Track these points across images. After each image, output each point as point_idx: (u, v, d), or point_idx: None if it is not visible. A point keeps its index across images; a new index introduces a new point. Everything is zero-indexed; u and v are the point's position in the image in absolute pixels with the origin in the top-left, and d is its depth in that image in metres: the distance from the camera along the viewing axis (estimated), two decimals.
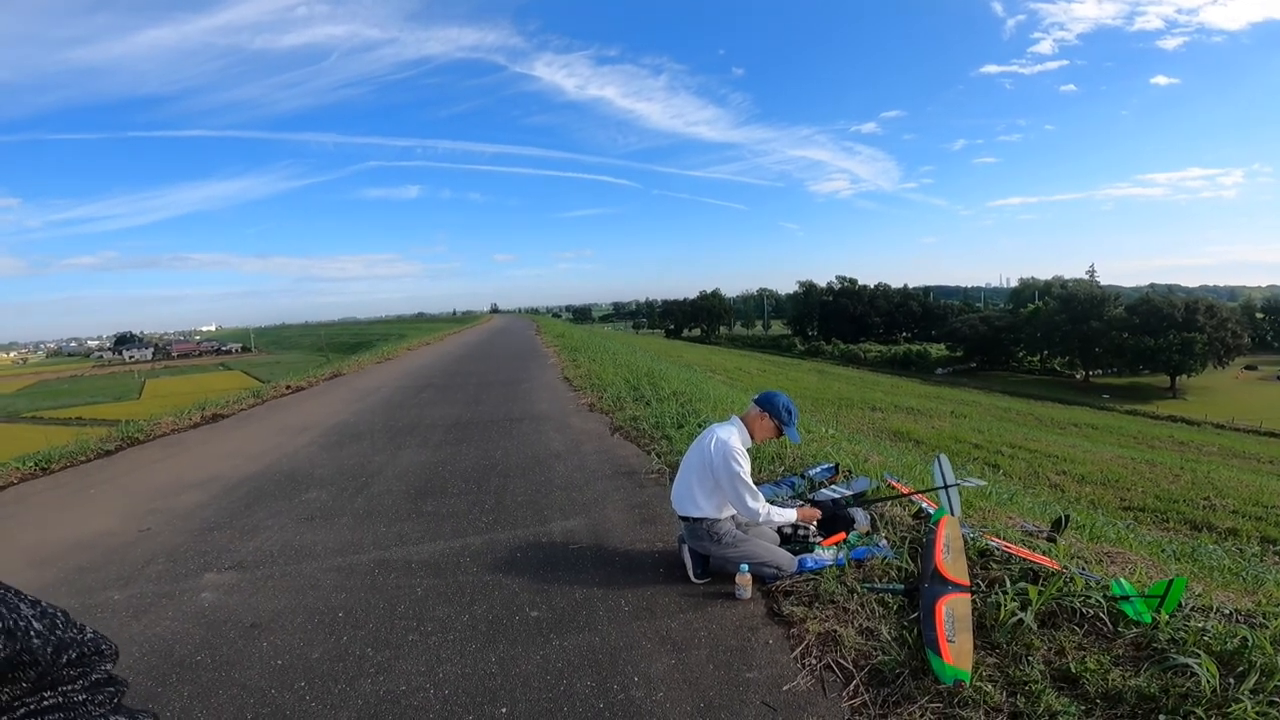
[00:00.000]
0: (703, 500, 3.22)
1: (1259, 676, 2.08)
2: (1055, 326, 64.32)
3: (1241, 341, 59.90)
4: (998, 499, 5.22)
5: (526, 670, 2.59)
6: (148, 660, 2.83)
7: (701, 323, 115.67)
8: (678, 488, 3.39)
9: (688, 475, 3.32)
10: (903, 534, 3.51)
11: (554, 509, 4.56)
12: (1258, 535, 10.32)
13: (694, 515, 3.24)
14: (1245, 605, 2.61)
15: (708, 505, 3.21)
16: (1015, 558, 3.07)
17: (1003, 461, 15.53)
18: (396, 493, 5.18)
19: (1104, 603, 2.59)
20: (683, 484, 3.35)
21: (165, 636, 3.03)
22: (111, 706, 0.85)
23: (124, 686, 0.85)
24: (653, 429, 6.57)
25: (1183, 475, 15.87)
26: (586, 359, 14.41)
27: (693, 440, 3.56)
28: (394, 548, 3.99)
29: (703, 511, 3.21)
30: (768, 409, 3.32)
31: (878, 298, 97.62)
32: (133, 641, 2.98)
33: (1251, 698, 2.00)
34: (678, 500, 3.37)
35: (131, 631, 3.09)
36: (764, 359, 61.29)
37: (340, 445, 7.10)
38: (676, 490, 3.40)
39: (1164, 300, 61.51)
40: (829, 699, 2.31)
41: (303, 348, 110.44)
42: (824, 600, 2.90)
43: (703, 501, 3.22)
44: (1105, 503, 11.98)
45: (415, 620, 3.06)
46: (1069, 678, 2.26)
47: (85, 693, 0.81)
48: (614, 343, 23.62)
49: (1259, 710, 1.96)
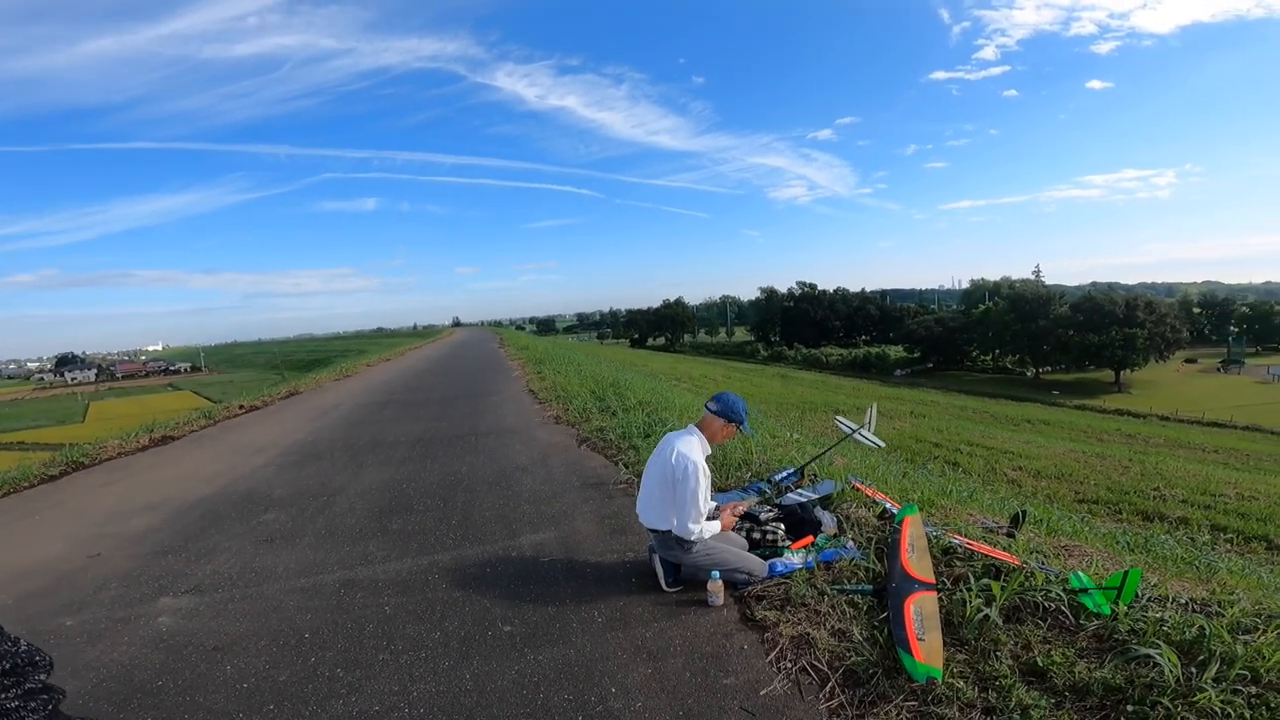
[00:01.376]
0: (666, 515, 3.21)
1: (1219, 665, 2.14)
2: (1005, 326, 66.39)
3: (1180, 336, 62.72)
4: (958, 497, 5.36)
5: (502, 685, 2.56)
6: (107, 686, 2.73)
7: (666, 331, 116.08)
8: (643, 501, 3.38)
9: (651, 488, 3.31)
10: (869, 535, 3.57)
11: (523, 523, 4.51)
12: (1207, 523, 10.77)
13: (662, 528, 3.23)
14: (1200, 594, 2.71)
15: (672, 521, 3.19)
16: (977, 554, 3.14)
17: (962, 459, 15.94)
18: (360, 512, 5.05)
19: (1064, 596, 2.66)
20: (647, 497, 3.34)
21: (123, 662, 2.93)
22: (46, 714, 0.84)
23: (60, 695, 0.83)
24: (619, 439, 6.56)
25: (1132, 467, 16.52)
26: (551, 371, 14.32)
27: None
28: (359, 567, 3.89)
29: (671, 524, 3.19)
30: (728, 415, 3.31)
31: (837, 302, 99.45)
32: (89, 667, 2.87)
33: (1214, 686, 2.05)
34: (644, 514, 3.35)
35: (88, 657, 2.97)
36: (728, 366, 61.81)
37: (299, 465, 6.91)
38: (642, 504, 3.39)
39: (1106, 298, 64.02)
40: (806, 702, 2.33)
41: (256, 366, 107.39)
42: (796, 603, 2.93)
43: (667, 516, 3.20)
44: (1060, 496, 12.39)
45: (385, 639, 2.99)
46: (1037, 671, 2.31)
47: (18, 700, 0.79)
48: (579, 354, 23.54)
49: (1223, 699, 2.01)
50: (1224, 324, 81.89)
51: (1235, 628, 2.35)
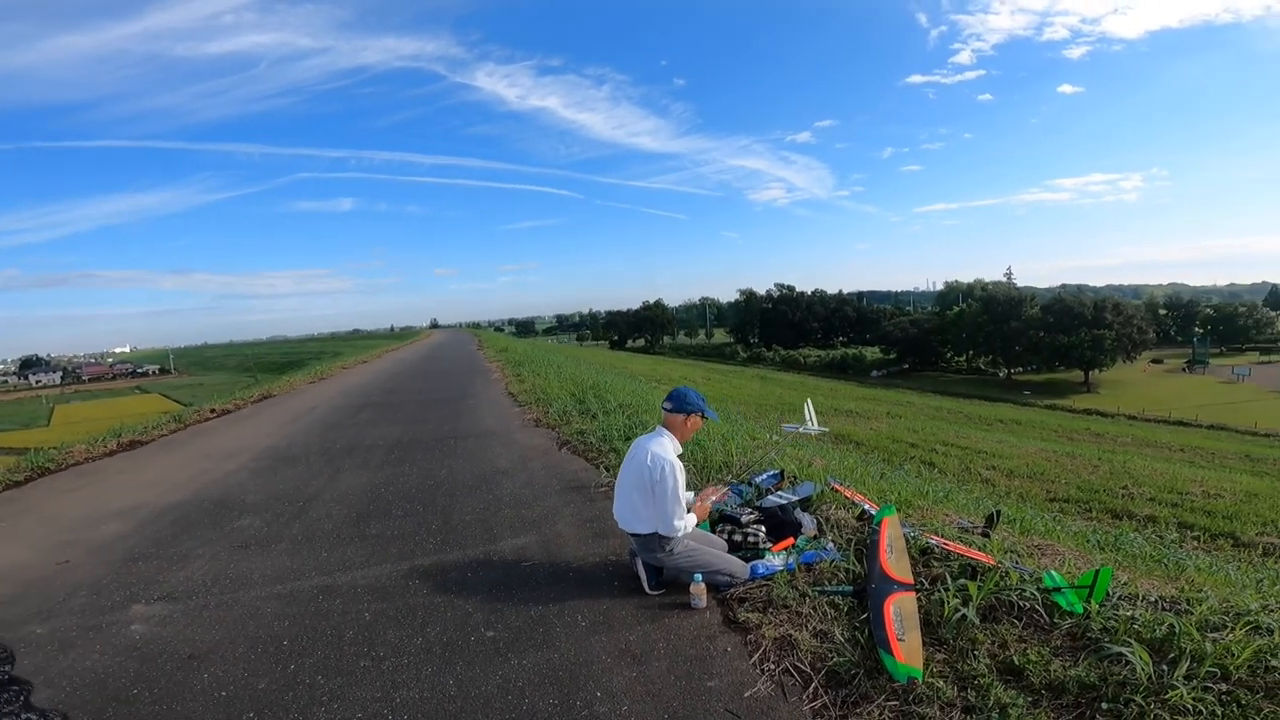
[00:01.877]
0: (647, 516, 3.21)
1: (1190, 663, 2.19)
2: (978, 327, 67.61)
3: (1147, 337, 64.39)
4: (934, 497, 5.43)
5: (486, 691, 2.54)
6: (80, 694, 2.66)
7: (645, 333, 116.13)
8: (619, 507, 3.39)
9: (628, 493, 3.31)
10: (848, 536, 3.60)
11: (504, 527, 4.48)
12: (1175, 521, 10.97)
13: (642, 532, 3.24)
14: (1169, 592, 2.77)
15: (654, 522, 3.19)
16: (954, 554, 3.19)
17: (937, 459, 16.15)
18: (337, 516, 4.98)
19: (1038, 595, 2.71)
20: (624, 502, 3.34)
21: (96, 670, 2.86)
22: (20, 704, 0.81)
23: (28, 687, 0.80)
24: (600, 442, 6.55)
25: (1101, 466, 16.87)
26: (531, 373, 14.26)
27: None
28: (338, 573, 3.84)
29: (650, 527, 3.20)
30: (683, 408, 3.36)
31: (815, 304, 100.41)
32: (62, 676, 2.80)
33: (1186, 684, 2.10)
34: (622, 519, 3.36)
35: (60, 665, 2.90)
36: (708, 367, 62.00)
37: (273, 470, 6.80)
38: (619, 509, 3.40)
39: (1075, 300, 65.49)
40: (790, 703, 2.35)
41: (228, 369, 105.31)
42: (777, 605, 2.95)
43: (647, 517, 3.21)
44: (1033, 495, 12.59)
45: (366, 645, 2.95)
46: (1014, 670, 2.36)
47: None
48: (558, 356, 23.48)
49: (1195, 696, 2.05)
50: (1189, 325, 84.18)
51: (1204, 625, 2.40)
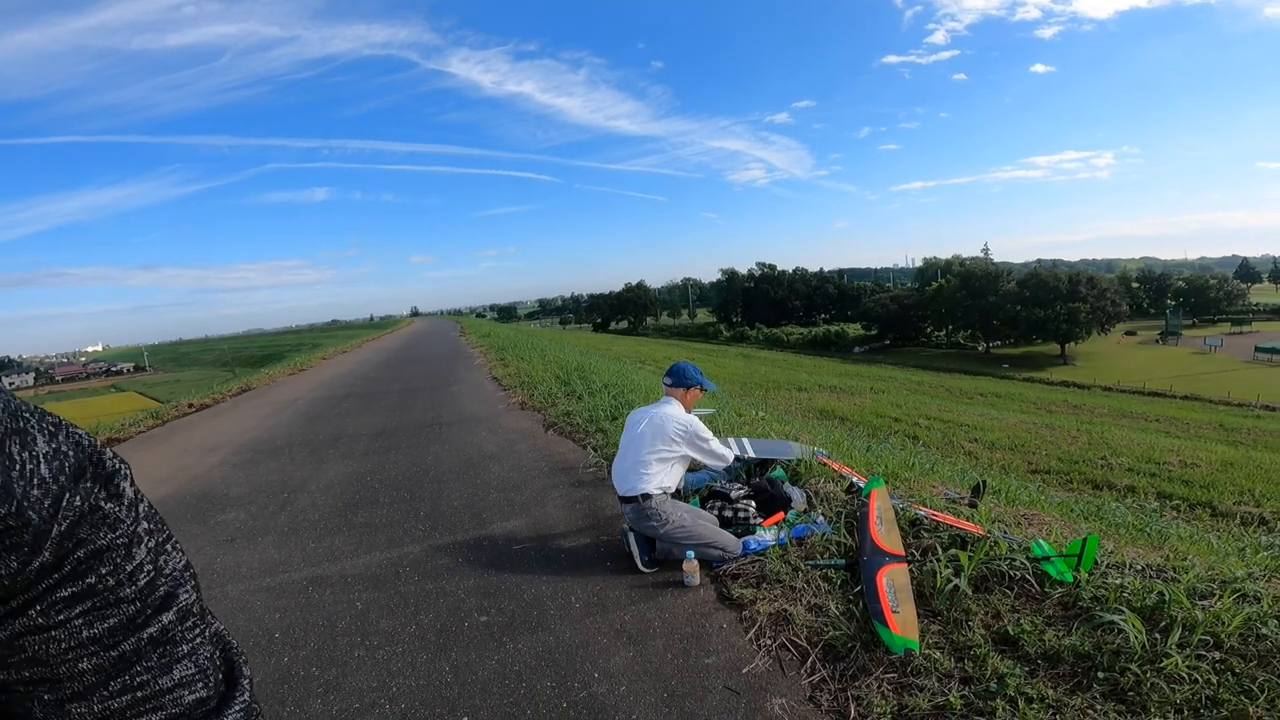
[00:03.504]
0: (656, 469, 3.30)
1: (1182, 630, 2.20)
2: (957, 302, 68.23)
3: (1121, 309, 65.45)
4: (921, 469, 5.47)
5: (484, 676, 2.52)
6: None
7: (628, 315, 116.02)
8: (621, 466, 3.41)
9: (635, 451, 3.37)
10: (838, 509, 3.60)
11: (493, 511, 4.45)
12: (1154, 491, 11.17)
13: (640, 492, 3.26)
14: (1155, 560, 2.79)
15: (660, 475, 3.30)
16: (943, 525, 3.20)
17: (921, 433, 16.33)
18: (323, 507, 4.92)
19: (1028, 564, 2.72)
20: (628, 461, 3.38)
21: None
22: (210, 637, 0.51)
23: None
24: (587, 423, 6.52)
25: (1080, 437, 17.16)
26: (514, 357, 14.15)
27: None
28: (326, 563, 3.79)
29: (654, 482, 3.26)
30: (684, 382, 3.54)
31: (796, 282, 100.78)
32: None
33: (1180, 651, 2.11)
34: (622, 479, 3.37)
35: None
36: (691, 347, 62.12)
37: (255, 462, 6.69)
38: (620, 469, 3.41)
39: (1050, 274, 66.23)
40: (788, 677, 2.35)
41: (204, 364, 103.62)
42: (771, 580, 2.95)
43: (655, 469, 3.30)
44: (1014, 467, 12.78)
45: (359, 635, 2.92)
46: (1008, 640, 2.36)
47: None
48: (541, 339, 23.33)
49: (1189, 664, 2.06)
50: (1161, 298, 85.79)
51: (1193, 593, 2.40)
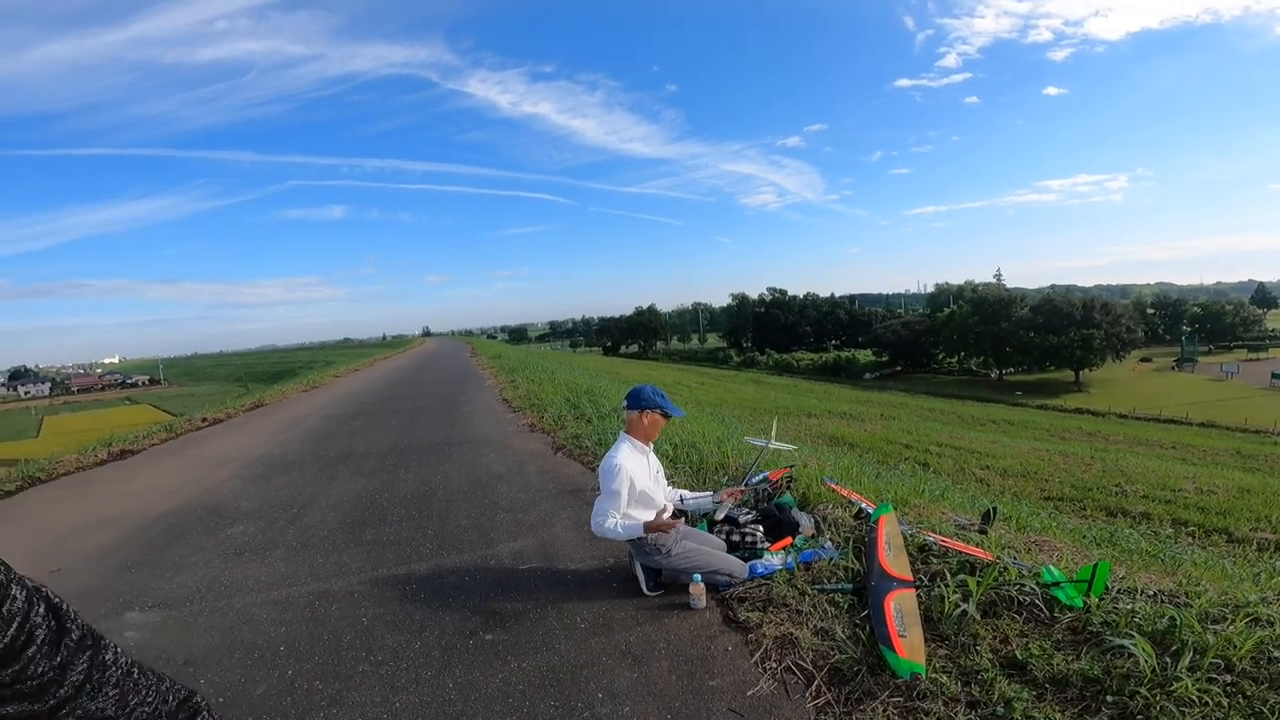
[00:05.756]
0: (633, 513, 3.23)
1: (1193, 655, 2.18)
2: (969, 329, 67.95)
3: (1135, 336, 64.95)
4: (930, 495, 5.44)
5: (487, 694, 2.52)
6: None
7: (638, 339, 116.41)
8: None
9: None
10: (846, 534, 3.59)
11: (500, 531, 4.46)
12: (1169, 518, 10.99)
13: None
14: (1168, 586, 2.77)
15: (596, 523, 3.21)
16: (952, 551, 3.18)
17: (932, 459, 16.19)
18: (332, 523, 4.95)
19: (1038, 590, 2.71)
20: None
21: None
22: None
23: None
24: (595, 446, 6.53)
25: (1094, 464, 16.94)
26: (525, 379, 14.22)
27: None
28: (334, 579, 3.81)
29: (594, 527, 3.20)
30: (640, 405, 3.33)
31: (807, 307, 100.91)
32: None
33: (1190, 675, 2.09)
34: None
35: None
36: (701, 372, 62.00)
37: (266, 477, 6.74)
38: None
39: (1064, 300, 66.04)
40: (793, 701, 2.33)
41: (218, 379, 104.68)
42: (777, 604, 2.94)
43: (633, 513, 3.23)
44: (1027, 494, 12.63)
45: (364, 650, 2.93)
46: (1016, 664, 2.35)
47: None
48: (552, 362, 23.43)
49: (1200, 688, 2.04)
50: (1177, 324, 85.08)
51: (1205, 617, 2.38)
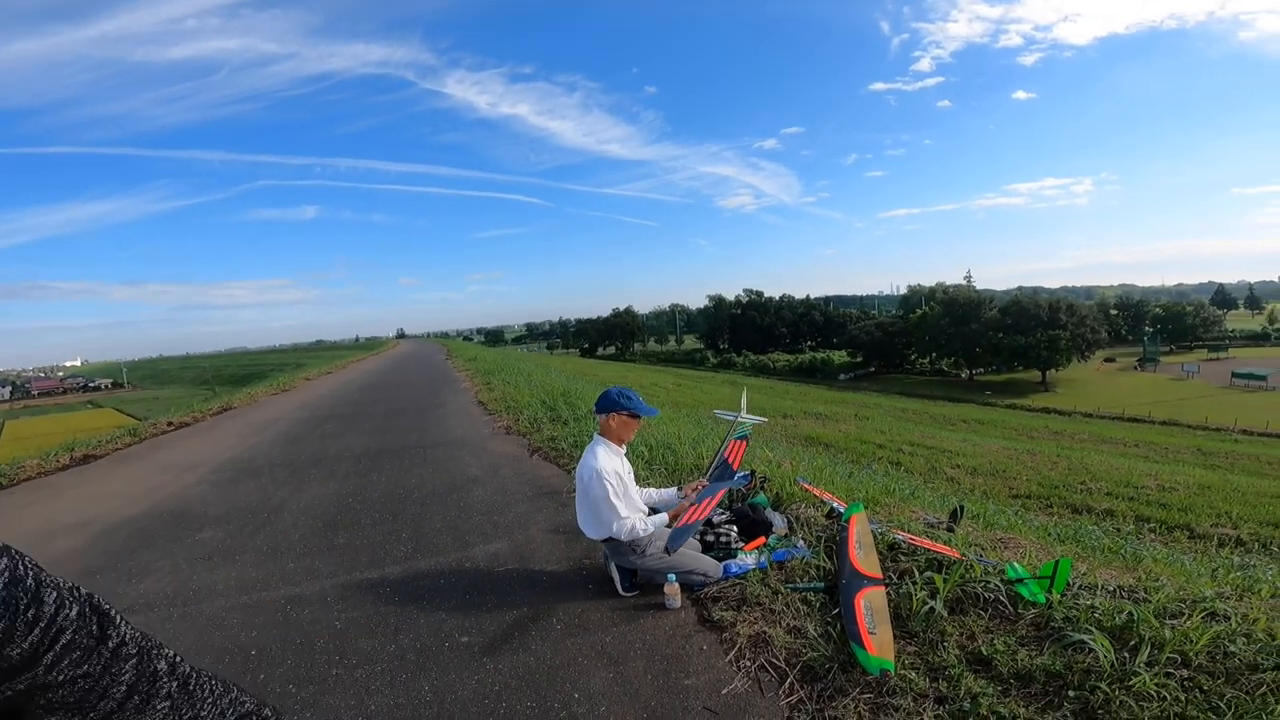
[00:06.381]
0: (597, 525, 3.27)
1: (1150, 650, 2.25)
2: (940, 330, 69.11)
3: (1100, 336, 66.64)
4: (901, 494, 5.54)
5: (463, 696, 2.52)
6: None
7: (616, 340, 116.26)
8: (580, 515, 3.43)
9: (579, 503, 3.38)
10: (818, 534, 3.65)
11: (476, 534, 4.44)
12: (1132, 515, 11.32)
13: (605, 536, 3.27)
14: (1127, 581, 2.85)
15: (604, 528, 3.24)
16: (920, 549, 3.25)
17: (904, 459, 16.43)
18: (304, 527, 4.89)
19: (1002, 586, 2.77)
20: (581, 511, 3.40)
21: None
22: None
23: None
24: (572, 448, 6.53)
25: (1060, 462, 17.35)
26: (500, 381, 14.14)
27: None
28: (305, 582, 3.77)
29: (607, 533, 3.24)
30: (612, 409, 3.34)
31: (783, 309, 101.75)
32: None
33: (1148, 670, 2.15)
34: (585, 526, 3.39)
35: None
36: (678, 373, 62.14)
37: (235, 482, 6.63)
38: (580, 517, 3.44)
39: (1031, 301, 67.44)
40: (767, 698, 2.37)
41: (184, 382, 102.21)
42: (751, 603, 2.98)
43: (598, 526, 3.26)
44: (995, 492, 12.89)
45: (337, 654, 2.90)
46: (982, 660, 2.40)
47: None
48: (528, 364, 23.32)
49: (1157, 682, 2.10)
50: (1139, 325, 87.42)
51: (1163, 613, 2.45)
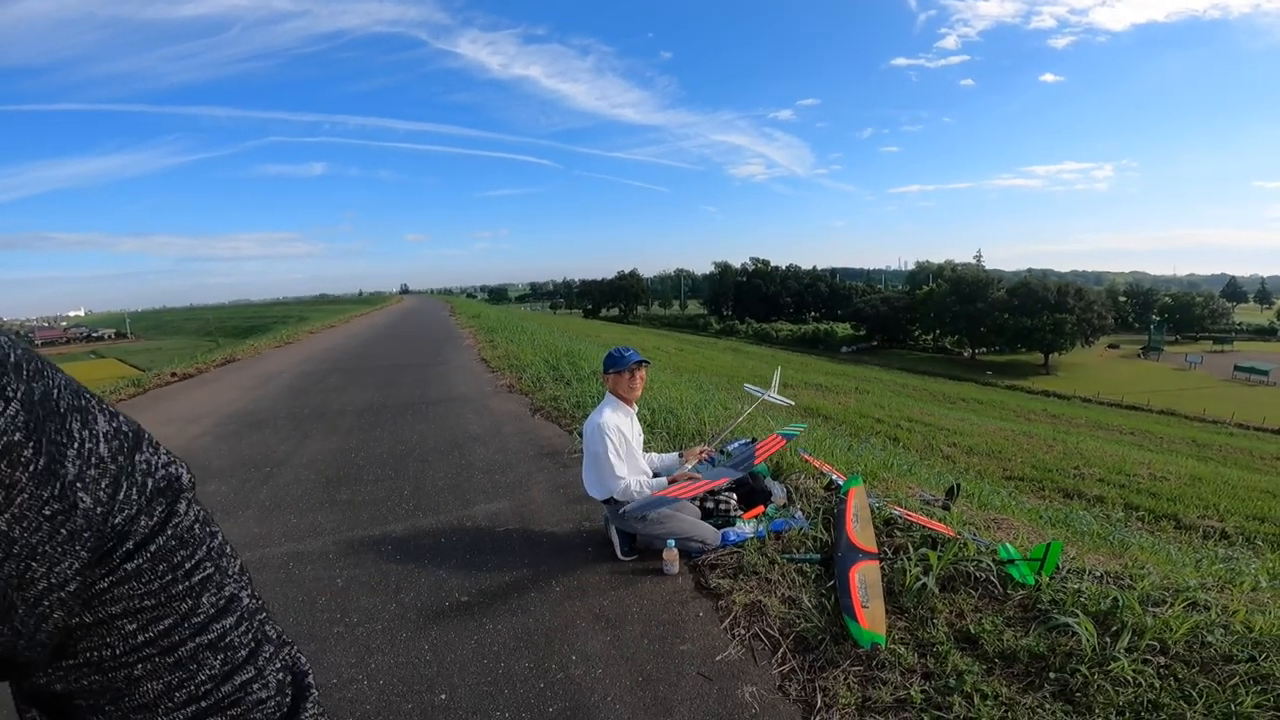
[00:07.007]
0: (599, 485, 3.34)
1: (1131, 635, 2.29)
2: (946, 307, 68.68)
3: (1106, 322, 66.21)
4: (899, 470, 5.57)
5: (462, 655, 2.57)
6: None
7: (619, 303, 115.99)
8: (585, 475, 3.50)
9: (586, 462, 3.44)
10: (816, 505, 3.68)
11: (477, 492, 4.49)
12: (1122, 502, 11.42)
13: (607, 496, 3.33)
14: (1114, 567, 2.88)
15: (606, 490, 3.32)
16: (916, 525, 3.28)
17: (902, 435, 16.51)
18: (306, 482, 4.93)
19: (994, 566, 2.80)
20: (586, 471, 3.47)
21: None
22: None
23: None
24: (574, 408, 6.56)
25: (1055, 446, 17.43)
26: (504, 340, 14.15)
27: None
28: (308, 539, 3.82)
29: (609, 494, 3.31)
30: (617, 366, 3.41)
31: (789, 278, 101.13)
32: None
33: (1127, 656, 2.19)
34: (589, 486, 3.46)
35: None
36: (680, 338, 62.08)
37: (238, 435, 6.67)
38: (585, 477, 3.50)
39: (1039, 283, 66.87)
40: (759, 666, 2.42)
41: (188, 333, 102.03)
42: (748, 572, 3.02)
43: (600, 486, 3.34)
44: (990, 472, 12.96)
45: (339, 612, 2.95)
46: (969, 638, 2.45)
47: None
48: (531, 323, 23.29)
49: (1135, 669, 2.14)
50: (1147, 313, 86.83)
51: (1146, 600, 2.49)
